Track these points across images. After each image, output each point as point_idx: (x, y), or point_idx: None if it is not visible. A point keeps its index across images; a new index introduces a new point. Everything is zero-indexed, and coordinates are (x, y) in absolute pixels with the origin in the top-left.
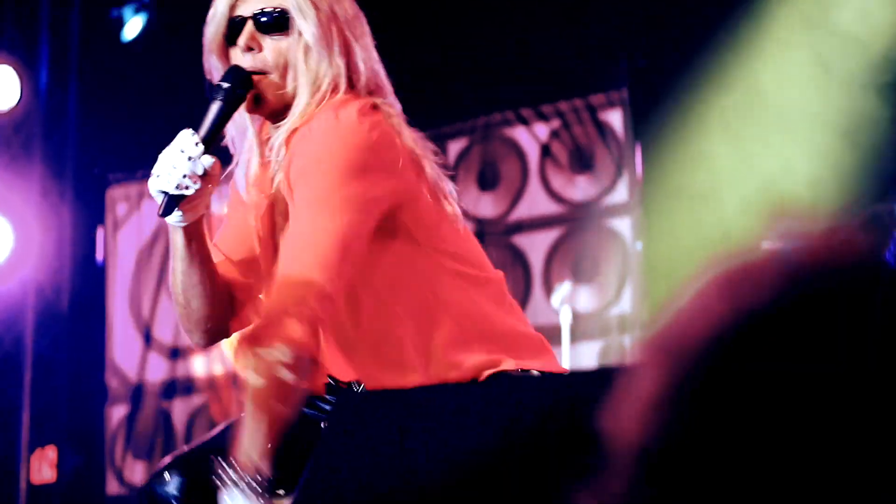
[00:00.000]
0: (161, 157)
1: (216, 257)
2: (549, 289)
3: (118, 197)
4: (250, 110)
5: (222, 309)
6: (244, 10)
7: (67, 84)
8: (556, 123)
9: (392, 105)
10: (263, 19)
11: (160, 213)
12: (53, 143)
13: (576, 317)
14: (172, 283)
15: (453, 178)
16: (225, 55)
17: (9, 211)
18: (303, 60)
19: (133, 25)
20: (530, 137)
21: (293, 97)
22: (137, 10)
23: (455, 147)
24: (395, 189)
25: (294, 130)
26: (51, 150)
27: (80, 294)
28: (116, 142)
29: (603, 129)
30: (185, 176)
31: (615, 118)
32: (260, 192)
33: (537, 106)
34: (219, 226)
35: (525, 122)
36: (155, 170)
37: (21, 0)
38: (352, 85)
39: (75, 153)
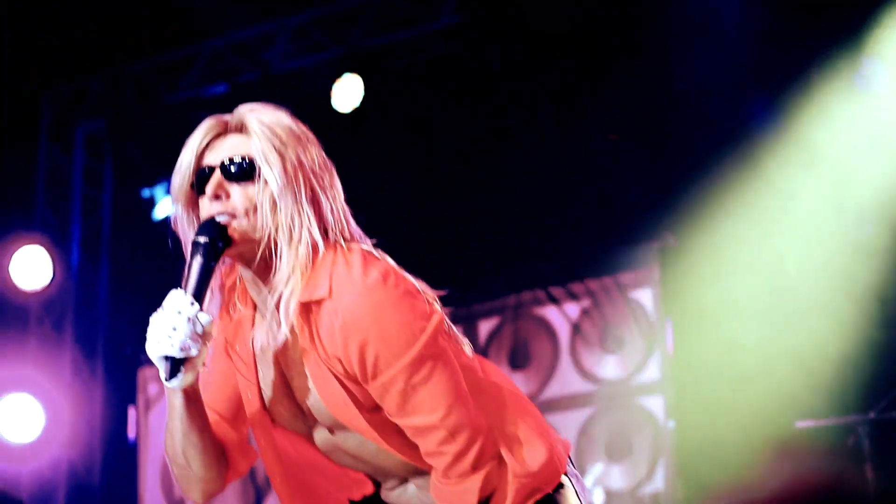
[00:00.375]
0: (155, 321)
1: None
2: (581, 469)
3: (150, 377)
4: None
5: (218, 465)
6: (211, 160)
7: (99, 263)
8: (586, 302)
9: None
10: (231, 168)
11: (166, 378)
12: (85, 322)
13: (609, 496)
14: (170, 446)
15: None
16: (192, 204)
17: (40, 389)
18: (270, 208)
19: (165, 205)
20: (561, 316)
21: (262, 244)
22: (169, 191)
23: (486, 326)
24: (438, 317)
25: (314, 303)
26: (82, 328)
27: (112, 472)
28: (148, 321)
29: (633, 308)
30: (186, 337)
31: (646, 296)
32: (236, 343)
33: (567, 285)
34: None
35: (555, 300)
36: (152, 335)
37: (54, 180)
38: (325, 233)
39: (106, 332)
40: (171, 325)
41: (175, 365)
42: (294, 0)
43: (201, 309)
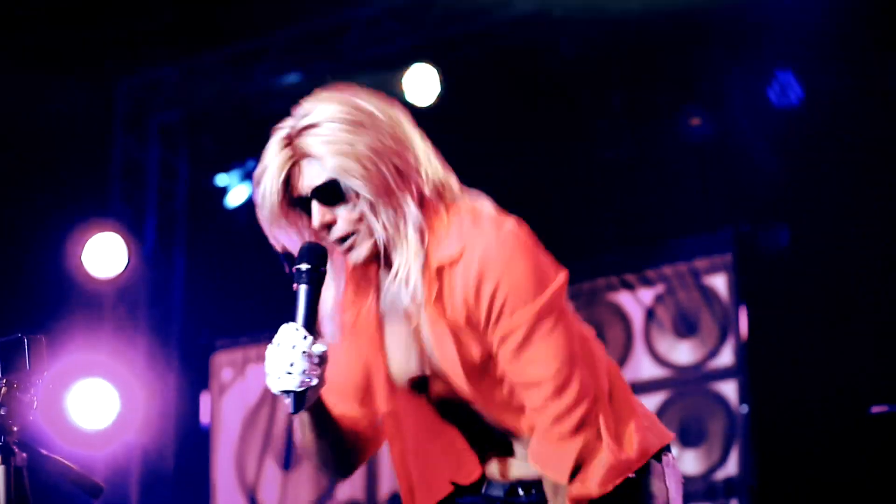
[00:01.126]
0: (271, 356)
1: (335, 401)
2: None
3: (224, 362)
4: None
5: (355, 450)
6: (301, 189)
7: (173, 251)
8: (660, 288)
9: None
10: (322, 195)
11: (292, 411)
12: (159, 310)
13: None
14: (305, 450)
15: None
16: (288, 217)
17: (115, 375)
18: (371, 213)
19: (238, 193)
20: (634, 302)
21: (381, 244)
22: (243, 179)
23: None
24: (564, 275)
25: (447, 265)
26: (156, 316)
27: (185, 457)
28: (222, 308)
29: (707, 294)
30: (305, 371)
31: (719, 282)
32: (360, 320)
33: (641, 271)
34: None
35: (629, 286)
36: (270, 370)
37: (128, 170)
38: (427, 199)
39: (180, 319)
40: (287, 361)
41: (298, 398)
42: None
43: (315, 337)
